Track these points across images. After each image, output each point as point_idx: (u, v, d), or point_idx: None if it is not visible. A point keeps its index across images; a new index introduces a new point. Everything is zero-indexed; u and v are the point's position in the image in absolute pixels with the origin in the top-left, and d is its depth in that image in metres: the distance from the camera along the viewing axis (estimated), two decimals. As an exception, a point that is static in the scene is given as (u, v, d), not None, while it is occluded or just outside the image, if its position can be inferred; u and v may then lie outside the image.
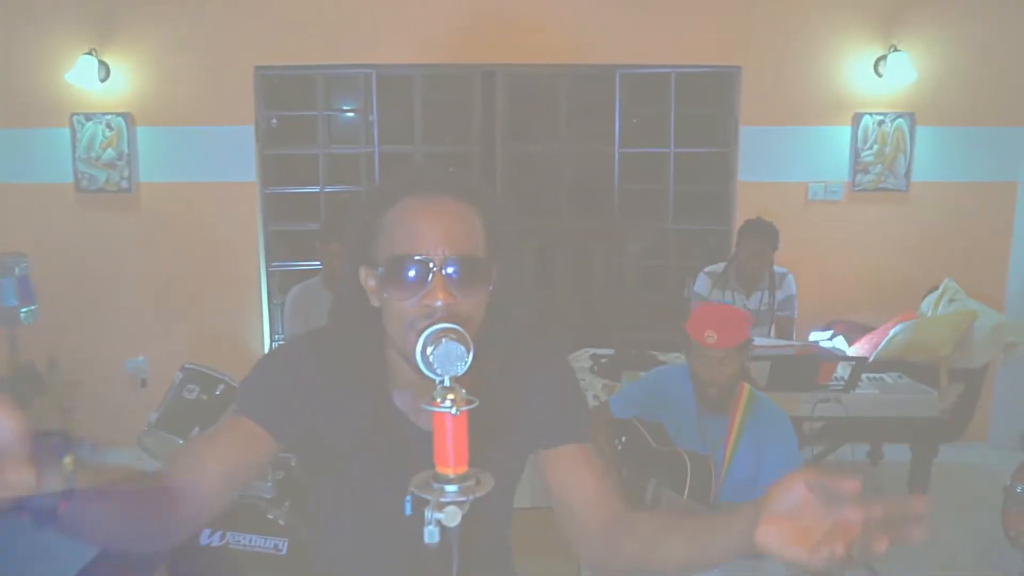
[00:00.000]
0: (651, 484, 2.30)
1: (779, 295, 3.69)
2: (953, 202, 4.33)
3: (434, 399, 0.78)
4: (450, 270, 1.01)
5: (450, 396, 0.78)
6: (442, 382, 0.81)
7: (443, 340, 0.85)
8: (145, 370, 4.33)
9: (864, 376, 3.30)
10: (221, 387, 2.85)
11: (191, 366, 2.93)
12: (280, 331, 4.44)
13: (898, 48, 4.11)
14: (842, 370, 3.25)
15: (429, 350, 0.85)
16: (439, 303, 0.99)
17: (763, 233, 3.53)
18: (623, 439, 2.49)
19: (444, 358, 0.83)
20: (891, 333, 3.65)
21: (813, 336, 3.84)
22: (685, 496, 2.20)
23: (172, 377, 2.93)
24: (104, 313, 4.24)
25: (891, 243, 4.35)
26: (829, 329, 3.99)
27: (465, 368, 0.83)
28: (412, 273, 1.01)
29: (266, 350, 4.35)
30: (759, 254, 3.54)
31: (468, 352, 0.85)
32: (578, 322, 4.61)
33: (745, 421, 2.35)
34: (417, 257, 1.01)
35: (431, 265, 1.00)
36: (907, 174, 4.27)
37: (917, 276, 4.13)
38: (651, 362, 3.81)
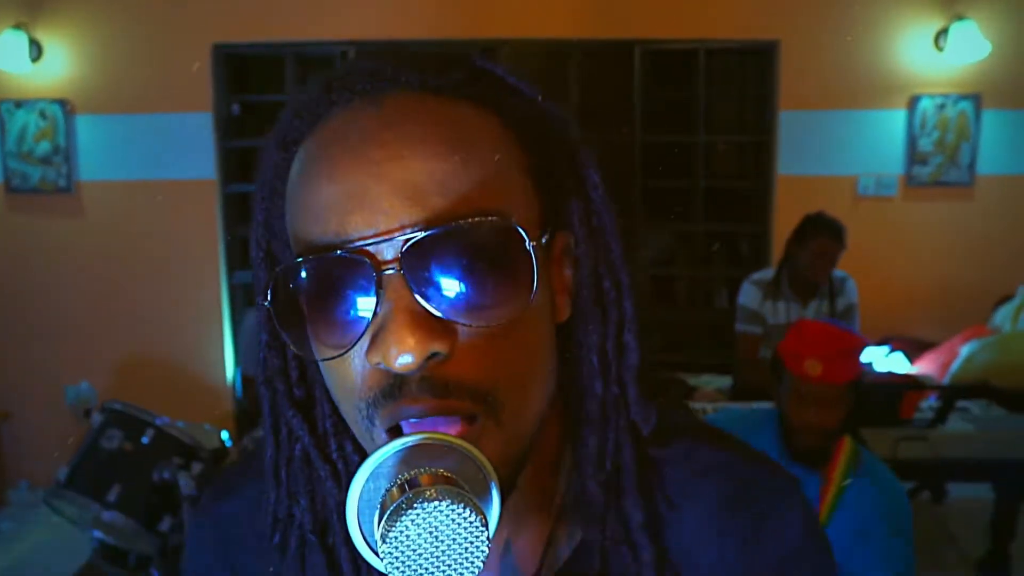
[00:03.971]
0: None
1: (839, 303, 3.19)
2: (1025, 198, 3.94)
3: None
4: (417, 267, 0.45)
5: None
6: None
7: (409, 511, 0.35)
8: (89, 399, 3.89)
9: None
10: (149, 433, 2.26)
11: (114, 405, 2.34)
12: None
13: (964, 16, 3.64)
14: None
15: (381, 531, 0.35)
16: (402, 359, 0.43)
17: (831, 230, 3.06)
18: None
19: (413, 554, 0.33)
20: (964, 352, 3.23)
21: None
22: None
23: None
24: (40, 333, 3.92)
25: (953, 245, 3.95)
26: (884, 345, 3.53)
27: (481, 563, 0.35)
28: (336, 290, 0.45)
29: (229, 376, 3.89)
30: (826, 255, 3.08)
31: (482, 527, 0.35)
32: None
33: (846, 482, 1.78)
34: (338, 249, 0.46)
35: (369, 263, 0.45)
36: (972, 166, 3.86)
37: (984, 283, 3.73)
38: (682, 390, 3.35)
